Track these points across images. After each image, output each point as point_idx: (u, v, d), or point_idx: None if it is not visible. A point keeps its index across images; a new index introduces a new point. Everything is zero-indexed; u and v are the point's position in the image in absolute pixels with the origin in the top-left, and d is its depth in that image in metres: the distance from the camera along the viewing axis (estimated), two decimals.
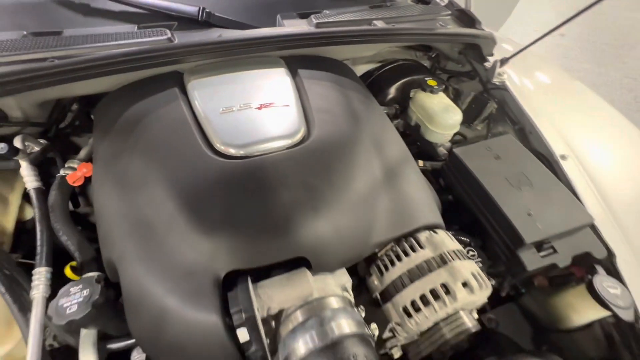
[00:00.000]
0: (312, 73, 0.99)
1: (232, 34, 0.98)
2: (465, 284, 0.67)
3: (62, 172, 0.88)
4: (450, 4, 1.34)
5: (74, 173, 0.86)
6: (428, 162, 1.15)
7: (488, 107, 1.26)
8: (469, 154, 1.00)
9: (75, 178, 0.85)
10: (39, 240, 0.77)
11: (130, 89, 0.92)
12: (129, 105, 0.86)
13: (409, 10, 1.26)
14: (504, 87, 1.23)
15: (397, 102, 1.32)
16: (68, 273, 0.79)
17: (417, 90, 1.26)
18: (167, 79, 0.92)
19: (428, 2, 1.39)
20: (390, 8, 1.27)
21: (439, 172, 1.11)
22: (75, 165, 0.89)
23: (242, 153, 0.76)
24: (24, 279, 0.73)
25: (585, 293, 0.81)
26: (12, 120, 0.90)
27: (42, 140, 0.92)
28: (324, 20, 1.07)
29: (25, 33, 0.93)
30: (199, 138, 0.77)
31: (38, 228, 0.78)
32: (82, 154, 0.95)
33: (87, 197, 0.96)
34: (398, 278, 0.71)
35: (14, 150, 0.85)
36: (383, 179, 0.79)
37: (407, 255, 0.72)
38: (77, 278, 0.76)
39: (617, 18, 5.42)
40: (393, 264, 0.72)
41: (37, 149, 0.89)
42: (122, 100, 0.89)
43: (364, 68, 1.44)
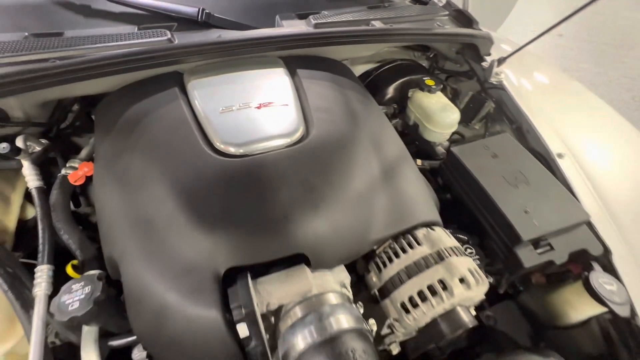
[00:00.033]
0: (310, 73, 1.00)
1: (231, 35, 0.99)
2: (462, 280, 0.67)
3: (63, 171, 0.88)
4: (448, 5, 1.35)
5: (75, 172, 0.86)
6: (426, 161, 1.15)
7: (486, 106, 1.27)
8: (467, 153, 1.01)
9: (77, 177, 0.85)
10: (41, 239, 0.77)
11: (131, 89, 0.92)
12: (130, 105, 0.86)
13: (407, 11, 1.26)
14: (502, 86, 1.23)
15: (395, 101, 1.33)
16: (69, 271, 0.79)
17: (415, 90, 1.27)
18: (167, 79, 0.92)
19: (426, 2, 1.40)
20: (388, 8, 1.28)
21: (437, 170, 1.12)
22: (77, 165, 0.89)
23: (241, 152, 0.76)
24: (26, 277, 0.73)
25: (582, 290, 0.81)
26: (13, 121, 0.91)
27: (43, 140, 0.92)
28: (323, 21, 1.08)
29: (27, 34, 0.94)
30: (199, 137, 0.78)
31: (40, 227, 0.79)
32: (83, 154, 0.96)
33: (87, 197, 0.97)
34: (396, 274, 0.71)
35: (16, 150, 0.85)
36: (381, 177, 0.80)
37: (404, 252, 0.72)
38: (78, 276, 0.75)
39: (615, 18, 5.43)
40: (391, 261, 0.73)
41: (38, 149, 0.89)
42: (122, 100, 0.89)
43: (363, 68, 1.44)
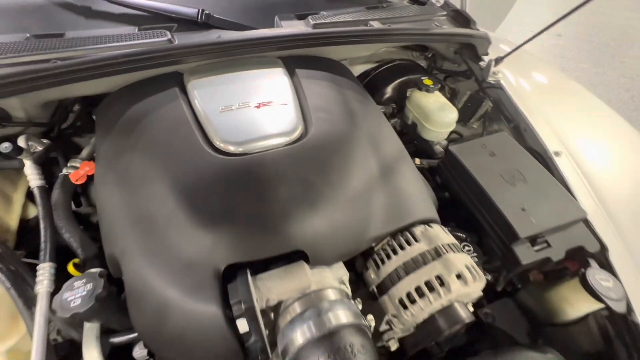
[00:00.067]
0: (309, 73, 1.01)
1: (230, 35, 1.00)
2: (459, 276, 0.68)
3: (64, 171, 0.89)
4: (446, 5, 1.36)
5: (77, 171, 0.87)
6: (425, 160, 1.16)
7: (483, 105, 1.28)
8: (465, 152, 1.02)
9: (78, 176, 0.86)
10: (43, 237, 0.78)
11: (132, 89, 0.93)
12: (131, 105, 0.87)
13: (405, 11, 1.27)
14: (499, 85, 1.24)
15: (394, 101, 1.33)
16: (71, 270, 0.80)
17: (413, 90, 1.28)
18: (167, 79, 0.93)
19: (424, 2, 1.41)
20: (387, 9, 1.29)
21: (436, 169, 1.12)
22: (78, 164, 0.90)
23: (241, 150, 0.77)
24: (29, 275, 0.74)
25: (579, 286, 0.82)
26: (15, 121, 0.92)
27: (45, 140, 0.93)
28: (321, 21, 1.09)
29: (28, 35, 0.95)
30: (199, 136, 0.79)
31: (42, 225, 0.79)
32: (84, 154, 0.97)
33: (88, 197, 0.97)
34: (394, 271, 0.72)
35: (18, 150, 0.86)
36: (379, 175, 0.81)
37: (402, 249, 0.73)
38: (79, 275, 0.77)
39: (614, 18, 5.45)
40: (389, 258, 0.74)
41: (40, 149, 0.90)
42: (123, 100, 0.90)
43: (361, 68, 1.45)
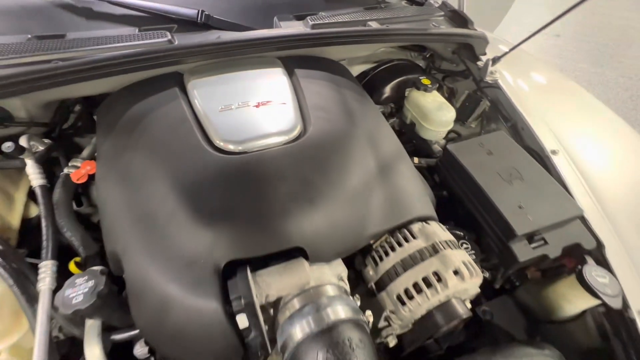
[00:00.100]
0: (308, 72, 1.01)
1: (230, 36, 1.00)
2: (457, 272, 0.68)
3: (66, 170, 0.89)
4: (444, 5, 1.37)
5: (78, 170, 0.87)
6: (423, 159, 1.17)
7: (481, 104, 1.29)
8: (462, 150, 1.02)
9: (79, 175, 0.87)
10: (45, 235, 0.78)
11: (132, 89, 0.94)
12: (131, 105, 0.88)
13: (403, 12, 1.28)
14: (497, 85, 1.25)
15: (392, 101, 1.34)
16: (72, 268, 0.81)
17: (411, 89, 1.29)
18: (167, 79, 0.94)
19: (422, 3, 1.42)
20: (385, 9, 1.30)
21: (434, 168, 1.13)
22: (79, 164, 0.90)
23: (240, 149, 0.78)
24: (31, 273, 0.75)
25: (576, 283, 0.82)
26: (17, 121, 0.93)
27: (46, 140, 0.94)
28: (320, 22, 1.10)
29: (30, 36, 0.96)
30: (199, 135, 0.79)
31: (43, 224, 0.80)
32: (85, 153, 0.97)
33: (89, 197, 0.98)
34: (392, 267, 0.72)
35: (20, 149, 0.87)
36: (377, 174, 0.81)
37: (400, 246, 0.74)
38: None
39: (613, 18, 5.46)
40: (387, 255, 0.74)
41: (41, 148, 0.90)
42: (124, 100, 0.91)
43: (360, 68, 1.46)
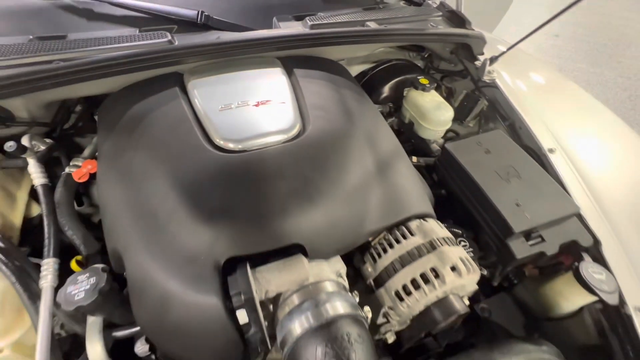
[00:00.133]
0: (307, 72, 1.02)
1: (229, 36, 1.01)
2: (454, 268, 0.69)
3: (67, 169, 0.90)
4: (442, 6, 1.38)
5: (79, 169, 0.88)
6: (422, 158, 1.17)
7: (479, 104, 1.30)
8: (460, 149, 1.03)
9: (81, 174, 0.87)
10: (47, 234, 0.79)
11: (133, 89, 0.95)
12: (132, 104, 0.89)
13: (401, 12, 1.29)
14: (494, 84, 1.26)
15: (391, 100, 1.35)
16: (74, 267, 0.81)
17: (410, 89, 1.29)
18: (167, 79, 0.95)
19: (420, 3, 1.43)
20: (383, 10, 1.31)
21: (433, 167, 1.14)
22: (80, 163, 0.91)
23: (240, 147, 0.79)
24: (33, 271, 0.75)
25: (573, 280, 0.83)
26: (19, 121, 0.94)
27: (47, 140, 0.95)
28: (318, 22, 1.11)
29: (31, 37, 0.96)
30: (199, 134, 0.80)
31: (45, 222, 0.81)
32: (86, 153, 0.98)
33: (90, 197, 0.99)
34: (390, 264, 0.73)
35: (22, 149, 0.88)
36: (375, 171, 0.82)
37: (398, 243, 0.74)
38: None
39: (611, 18, 5.48)
40: (385, 251, 0.75)
41: (43, 148, 0.91)
42: (125, 100, 0.92)
43: (359, 68, 1.47)
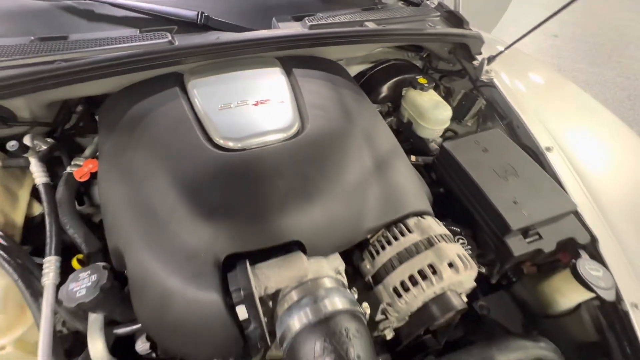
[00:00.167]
0: (306, 72, 1.03)
1: (229, 36, 1.02)
2: (451, 264, 0.70)
3: (68, 169, 0.91)
4: (440, 6, 1.39)
5: (81, 169, 0.89)
6: (420, 157, 1.18)
7: (477, 103, 1.31)
8: (458, 148, 1.04)
9: (82, 173, 0.88)
10: (48, 232, 0.80)
11: (133, 89, 0.95)
12: (133, 104, 0.90)
13: (399, 12, 1.30)
14: (492, 84, 1.27)
15: (389, 100, 1.36)
16: (75, 265, 0.82)
17: (408, 88, 1.30)
18: (168, 79, 0.96)
19: (418, 4, 1.44)
20: (381, 10, 1.32)
21: (431, 166, 1.14)
22: (81, 163, 0.92)
23: (240, 146, 0.79)
24: (35, 268, 0.76)
25: (571, 277, 0.83)
26: (21, 121, 0.94)
27: (49, 140, 0.95)
28: (317, 22, 1.12)
29: (33, 38, 0.97)
30: (199, 133, 0.81)
31: (47, 221, 0.81)
32: (87, 152, 0.99)
33: (91, 197, 0.99)
34: (388, 261, 0.74)
35: (24, 148, 0.89)
36: (374, 170, 0.83)
37: (396, 240, 0.75)
38: None
39: (610, 19, 5.50)
40: (384, 248, 0.76)
41: (45, 147, 0.92)
42: (125, 100, 0.92)
43: (358, 68, 1.48)
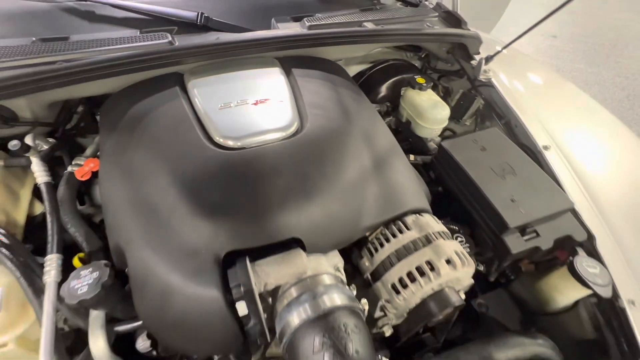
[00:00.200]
0: (305, 72, 1.04)
1: (229, 37, 1.02)
2: (449, 261, 0.70)
3: (69, 168, 0.92)
4: (438, 6, 1.39)
5: (82, 168, 0.90)
6: (419, 156, 1.19)
7: (475, 102, 1.32)
8: (457, 147, 1.04)
9: (83, 173, 0.89)
10: (50, 230, 0.81)
11: (134, 89, 0.96)
12: (133, 104, 0.90)
13: (398, 13, 1.31)
14: (490, 83, 1.28)
15: (388, 100, 1.37)
16: (76, 263, 0.82)
17: (407, 88, 1.31)
18: (168, 79, 0.97)
19: (416, 4, 1.45)
20: (380, 10, 1.33)
21: (429, 165, 1.15)
22: (82, 162, 0.92)
23: (239, 145, 0.80)
24: (37, 266, 0.77)
25: (568, 274, 0.84)
26: (22, 121, 0.95)
27: (50, 139, 0.96)
28: (316, 23, 1.13)
29: (34, 39, 0.98)
30: (199, 132, 0.82)
31: (49, 219, 0.82)
32: (88, 152, 1.00)
33: (92, 196, 1.00)
34: (387, 258, 0.74)
35: (26, 147, 0.90)
36: (372, 168, 0.84)
37: (395, 237, 0.76)
38: None
39: (609, 19, 5.51)
40: (382, 246, 0.76)
41: (46, 147, 0.93)
42: (126, 100, 0.93)
43: (357, 68, 1.49)
